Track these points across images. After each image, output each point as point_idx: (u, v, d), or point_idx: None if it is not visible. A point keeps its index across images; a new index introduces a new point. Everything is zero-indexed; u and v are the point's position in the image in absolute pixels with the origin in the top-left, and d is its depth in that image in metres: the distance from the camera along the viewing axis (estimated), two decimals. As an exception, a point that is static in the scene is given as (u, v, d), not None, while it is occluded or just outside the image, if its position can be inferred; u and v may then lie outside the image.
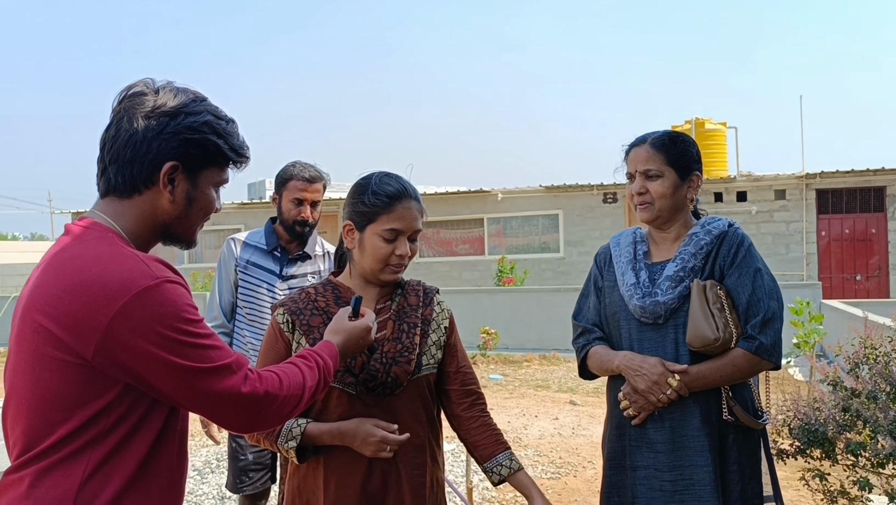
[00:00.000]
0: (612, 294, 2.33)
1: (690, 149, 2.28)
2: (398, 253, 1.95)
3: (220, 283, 3.36)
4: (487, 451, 2.06)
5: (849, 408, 3.10)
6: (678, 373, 2.13)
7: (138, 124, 1.42)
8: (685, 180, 2.26)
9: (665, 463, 2.15)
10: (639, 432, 2.21)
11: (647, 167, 2.24)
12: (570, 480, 5.37)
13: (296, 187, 3.20)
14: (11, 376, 1.39)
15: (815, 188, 16.10)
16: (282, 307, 2.01)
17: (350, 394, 1.93)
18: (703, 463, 2.12)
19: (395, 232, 1.94)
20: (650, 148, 2.24)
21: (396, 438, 1.89)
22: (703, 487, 2.11)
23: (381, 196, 1.94)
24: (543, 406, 7.95)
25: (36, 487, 1.32)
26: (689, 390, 2.14)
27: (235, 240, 3.38)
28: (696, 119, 17.86)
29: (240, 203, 20.26)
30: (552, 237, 17.98)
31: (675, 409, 2.15)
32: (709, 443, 2.13)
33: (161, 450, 1.41)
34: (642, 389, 2.15)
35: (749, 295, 2.15)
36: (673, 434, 2.16)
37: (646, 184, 2.24)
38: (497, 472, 2.04)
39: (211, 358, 1.37)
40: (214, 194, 1.53)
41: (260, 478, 3.33)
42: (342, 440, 1.90)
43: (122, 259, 1.34)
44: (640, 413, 2.18)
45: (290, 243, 3.32)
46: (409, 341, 1.97)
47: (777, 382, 8.31)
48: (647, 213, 2.27)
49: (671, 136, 2.27)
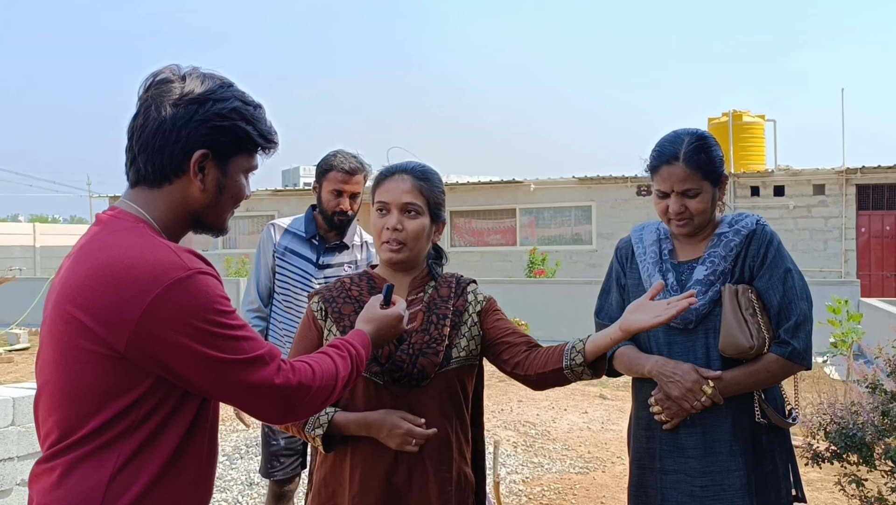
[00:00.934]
0: (638, 294, 2.26)
1: (717, 153, 2.18)
2: (388, 226, 1.96)
3: (259, 267, 3.37)
4: (555, 355, 1.94)
5: (888, 412, 3.02)
6: (712, 379, 2.09)
7: (166, 112, 1.40)
8: (717, 186, 2.19)
9: (696, 469, 2.12)
10: (670, 437, 2.17)
11: (685, 187, 2.13)
12: (599, 476, 5.33)
13: (336, 179, 3.19)
14: (44, 367, 1.40)
15: (855, 183, 15.77)
16: (318, 295, 2.04)
17: (377, 384, 1.92)
18: (734, 467, 2.10)
19: (382, 204, 1.98)
20: (686, 168, 2.12)
21: (423, 431, 1.88)
22: (734, 492, 2.09)
23: (378, 173, 2.06)
24: (573, 399, 7.91)
25: (67, 477, 1.33)
26: (724, 396, 2.10)
27: (276, 225, 3.39)
28: (734, 111, 17.57)
29: (273, 190, 20.40)
30: (585, 229, 17.85)
31: (706, 414, 2.12)
32: (741, 447, 2.10)
33: (192, 442, 1.41)
34: (676, 396, 2.11)
35: (780, 297, 2.11)
36: (705, 439, 2.13)
37: (685, 203, 2.14)
38: (573, 357, 1.91)
39: (244, 349, 1.37)
40: (244, 181, 1.52)
41: (291, 463, 3.35)
42: (368, 431, 1.89)
43: (153, 250, 1.34)
44: (673, 419, 2.15)
45: (329, 232, 3.32)
46: (438, 333, 1.96)
47: (813, 381, 8.17)
48: (687, 229, 2.19)
49: (702, 147, 2.15)
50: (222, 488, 5.06)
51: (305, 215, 3.38)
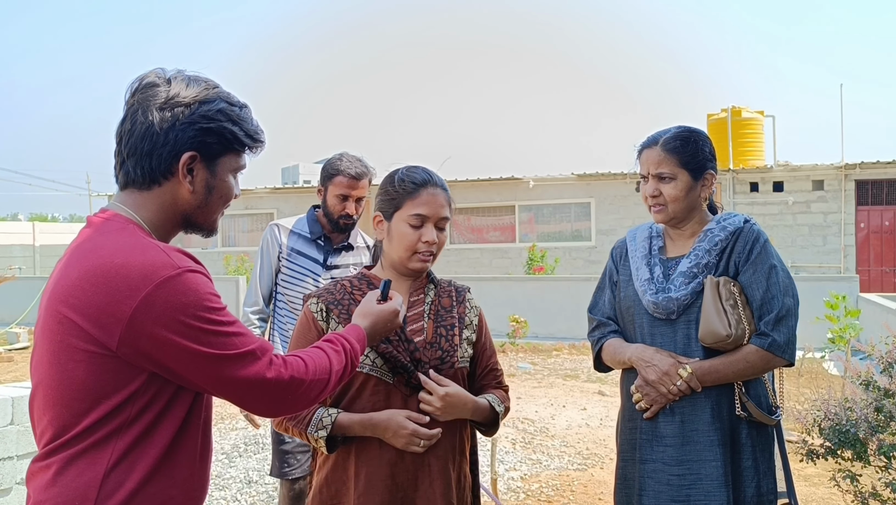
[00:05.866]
0: (627, 289, 2.33)
1: (703, 147, 2.24)
2: (425, 239, 1.95)
3: (262, 269, 3.36)
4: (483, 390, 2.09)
5: (882, 408, 3.03)
6: (689, 365, 2.13)
7: (153, 116, 1.42)
8: (698, 180, 2.23)
9: (673, 457, 2.16)
10: (650, 426, 2.21)
11: (659, 170, 2.22)
12: (597, 472, 5.35)
13: (341, 183, 3.19)
14: (38, 366, 1.41)
15: (854, 179, 15.76)
16: (316, 297, 2.02)
17: (387, 383, 1.93)
18: (711, 458, 2.12)
19: (420, 217, 1.95)
20: (662, 150, 2.22)
21: (428, 432, 1.89)
22: (710, 482, 2.11)
23: (406, 182, 1.97)
24: (572, 396, 7.93)
25: (62, 474, 1.35)
26: (702, 385, 2.13)
27: (280, 226, 3.37)
28: (733, 107, 17.56)
29: (272, 188, 20.39)
30: (584, 225, 17.85)
31: (686, 403, 2.16)
32: (718, 438, 2.13)
33: (185, 438, 1.42)
34: (652, 380, 2.16)
35: (763, 292, 2.14)
36: (683, 428, 2.16)
37: (659, 186, 2.22)
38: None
39: (235, 345, 1.38)
40: (233, 180, 1.54)
41: (306, 461, 3.29)
42: (374, 431, 1.90)
43: (143, 250, 1.35)
44: (652, 406, 2.19)
45: (333, 233, 3.33)
46: (449, 344, 2.00)
47: (811, 377, 8.18)
48: (662, 215, 2.27)
49: (683, 136, 2.23)
50: (221, 486, 5.07)
51: (308, 216, 3.38)
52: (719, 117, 17.84)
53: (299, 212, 3.47)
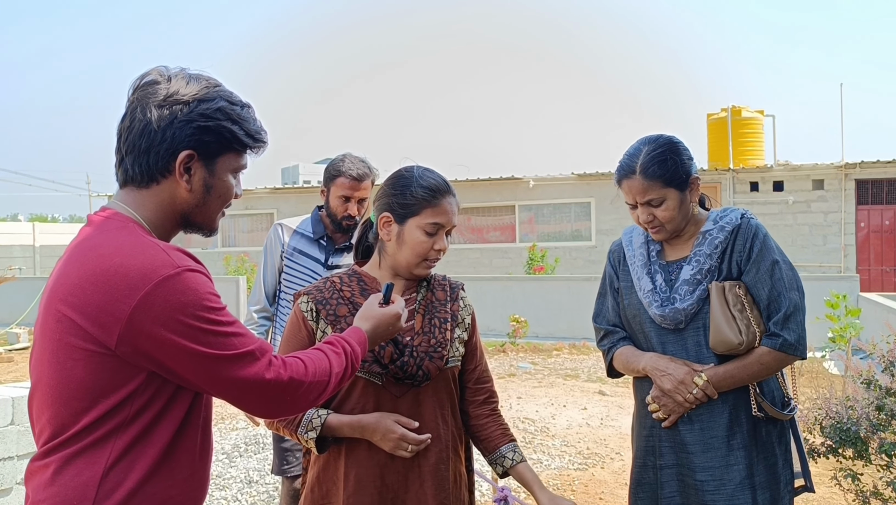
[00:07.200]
0: (631, 297, 2.30)
1: (681, 157, 2.18)
2: (437, 247, 1.96)
3: (266, 268, 3.39)
4: (493, 443, 2.07)
5: (883, 407, 3.03)
6: (704, 372, 2.11)
7: (152, 114, 1.41)
8: (685, 190, 2.19)
9: (696, 464, 2.13)
10: (669, 434, 2.19)
11: (647, 198, 2.17)
12: (598, 472, 5.34)
13: (344, 185, 3.21)
14: (37, 365, 1.41)
15: (854, 178, 15.76)
16: (306, 295, 2.00)
17: (376, 385, 1.92)
18: (734, 462, 2.11)
19: (437, 226, 1.95)
20: (642, 178, 2.15)
21: (416, 437, 1.88)
22: (734, 487, 2.10)
23: (427, 189, 1.95)
24: (572, 396, 7.92)
25: (61, 473, 1.34)
26: (718, 390, 2.11)
27: (284, 226, 3.40)
28: (733, 107, 17.56)
29: (272, 188, 20.39)
30: (584, 225, 17.85)
31: (703, 410, 2.14)
32: (739, 441, 2.11)
33: (184, 437, 1.42)
34: (668, 389, 2.14)
35: (769, 290, 2.12)
36: (703, 435, 2.14)
37: (651, 211, 2.18)
38: (500, 463, 2.06)
39: (234, 345, 1.37)
40: (233, 181, 1.52)
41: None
42: (362, 434, 1.89)
43: (142, 249, 1.35)
44: (670, 416, 2.17)
45: (336, 233, 3.34)
46: (441, 337, 1.98)
47: (812, 376, 8.17)
48: (661, 235, 2.24)
49: (659, 158, 2.16)
50: (221, 486, 5.07)
51: (312, 216, 3.40)
52: (719, 117, 17.84)
53: (299, 212, 3.49)
